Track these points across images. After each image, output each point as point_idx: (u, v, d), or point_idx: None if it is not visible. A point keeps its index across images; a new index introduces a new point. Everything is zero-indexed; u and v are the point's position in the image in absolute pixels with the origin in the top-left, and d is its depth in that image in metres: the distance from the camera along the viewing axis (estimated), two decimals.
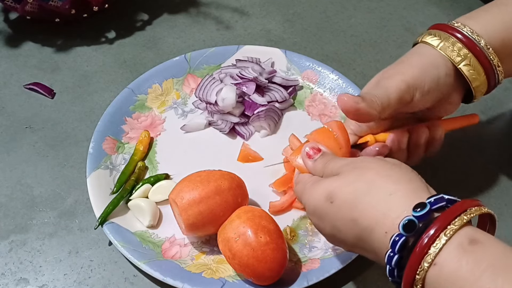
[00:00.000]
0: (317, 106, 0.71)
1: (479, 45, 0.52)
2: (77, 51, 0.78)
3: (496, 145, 0.68)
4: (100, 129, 0.65)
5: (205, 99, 0.69)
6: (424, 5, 0.87)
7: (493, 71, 0.53)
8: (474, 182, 0.64)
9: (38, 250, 0.58)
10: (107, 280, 0.56)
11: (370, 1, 0.87)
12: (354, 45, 0.80)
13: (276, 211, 0.60)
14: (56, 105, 0.72)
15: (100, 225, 0.57)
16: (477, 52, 0.52)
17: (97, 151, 0.63)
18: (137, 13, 0.84)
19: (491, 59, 0.52)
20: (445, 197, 0.39)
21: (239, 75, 0.69)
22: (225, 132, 0.67)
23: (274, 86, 0.70)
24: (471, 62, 0.52)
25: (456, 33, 0.53)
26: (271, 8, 0.85)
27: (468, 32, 0.52)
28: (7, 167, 0.65)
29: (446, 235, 0.36)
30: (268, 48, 0.75)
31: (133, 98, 0.69)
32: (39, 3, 0.74)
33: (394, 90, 0.52)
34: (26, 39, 0.79)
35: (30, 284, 0.56)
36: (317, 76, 0.72)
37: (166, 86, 0.71)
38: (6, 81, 0.74)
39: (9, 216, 0.61)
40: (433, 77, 0.52)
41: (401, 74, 0.53)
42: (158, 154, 0.66)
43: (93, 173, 0.61)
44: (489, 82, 0.54)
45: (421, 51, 0.54)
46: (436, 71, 0.52)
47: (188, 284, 0.53)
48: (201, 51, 0.74)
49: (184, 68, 0.73)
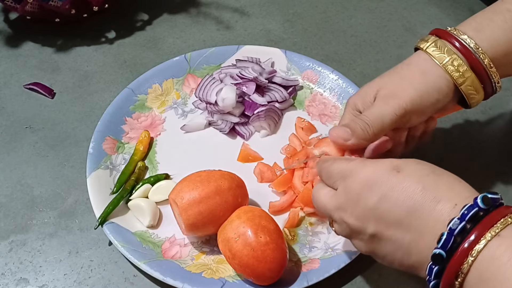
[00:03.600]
0: (317, 106, 0.71)
1: (481, 61, 0.52)
2: (77, 51, 0.78)
3: (496, 145, 0.68)
4: (100, 129, 0.65)
5: (205, 99, 0.69)
6: (424, 5, 0.87)
7: (490, 83, 0.53)
8: (474, 182, 0.64)
9: (38, 250, 0.58)
10: (107, 280, 0.56)
11: (370, 1, 0.87)
12: (354, 45, 0.80)
13: (276, 211, 0.60)
14: (56, 105, 0.72)
15: (100, 225, 0.57)
16: (476, 66, 0.52)
17: (97, 151, 0.63)
18: (137, 13, 0.84)
19: (491, 75, 0.53)
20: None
21: (239, 75, 0.69)
22: (225, 132, 0.67)
23: (274, 86, 0.70)
24: (472, 83, 0.53)
25: (455, 42, 0.53)
26: (271, 8, 0.85)
27: (470, 45, 0.52)
28: (7, 167, 0.65)
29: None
30: (268, 48, 0.75)
31: (133, 98, 0.69)
32: (39, 3, 0.74)
33: (390, 117, 0.52)
34: (26, 39, 0.79)
35: (30, 284, 0.56)
36: (317, 76, 0.72)
37: (166, 86, 0.71)
38: (6, 81, 0.74)
39: (9, 216, 0.61)
40: (433, 101, 0.53)
41: (399, 98, 0.52)
42: (158, 154, 0.66)
43: (93, 173, 0.61)
44: (486, 93, 0.55)
45: (424, 68, 0.53)
46: (437, 94, 0.52)
47: (188, 284, 0.53)
48: (201, 51, 0.74)
49: (184, 68, 0.73)
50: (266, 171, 0.63)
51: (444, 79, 0.52)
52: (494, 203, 0.39)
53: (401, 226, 0.42)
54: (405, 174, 0.43)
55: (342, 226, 0.47)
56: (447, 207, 0.40)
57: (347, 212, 0.45)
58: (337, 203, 0.46)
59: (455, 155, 0.66)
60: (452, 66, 0.52)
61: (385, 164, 0.44)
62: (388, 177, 0.43)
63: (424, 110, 0.53)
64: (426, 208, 0.41)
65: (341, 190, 0.46)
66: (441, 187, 0.41)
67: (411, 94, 0.52)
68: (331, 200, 0.47)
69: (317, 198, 0.49)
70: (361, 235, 0.45)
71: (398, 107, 0.52)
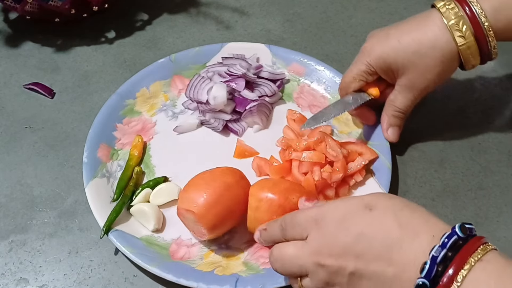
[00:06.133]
0: (306, 97, 0.71)
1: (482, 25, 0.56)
2: (77, 51, 0.78)
3: (496, 145, 0.68)
4: (92, 137, 0.64)
5: (196, 99, 0.69)
6: (424, 5, 0.86)
7: (488, 50, 0.57)
8: (474, 182, 0.64)
9: (38, 250, 0.58)
10: (107, 280, 0.56)
11: (370, 1, 0.87)
12: (354, 45, 0.80)
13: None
14: (56, 105, 0.72)
15: (105, 234, 0.56)
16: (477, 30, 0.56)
17: (91, 159, 0.62)
18: (137, 13, 0.84)
19: (489, 41, 0.56)
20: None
21: (227, 72, 0.70)
22: (218, 130, 0.67)
23: (263, 81, 0.71)
24: (471, 47, 0.57)
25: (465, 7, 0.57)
26: (271, 8, 0.85)
27: (478, 11, 0.56)
28: (7, 167, 0.65)
29: None
30: (252, 44, 0.76)
31: (122, 104, 0.68)
32: (39, 3, 0.74)
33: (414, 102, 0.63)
34: (26, 39, 0.79)
35: (30, 284, 0.56)
36: (304, 68, 0.73)
37: (153, 89, 0.71)
38: (6, 81, 0.74)
39: (9, 216, 0.61)
40: (447, 76, 0.61)
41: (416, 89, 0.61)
42: (153, 157, 0.65)
43: (91, 182, 0.60)
44: (482, 57, 0.59)
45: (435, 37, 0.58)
46: (450, 73, 0.60)
47: (202, 283, 0.53)
48: (185, 51, 0.74)
49: (170, 69, 0.72)
50: (264, 165, 0.63)
51: (450, 45, 0.57)
52: (470, 233, 0.40)
53: (382, 261, 0.41)
54: (379, 211, 0.43)
55: (318, 274, 0.44)
56: (426, 239, 0.40)
57: (324, 254, 0.43)
58: (311, 249, 0.44)
59: (455, 155, 0.66)
60: (459, 31, 0.57)
61: (357, 203, 0.44)
62: (362, 216, 0.43)
63: (439, 84, 0.61)
64: (405, 241, 0.41)
65: (314, 234, 0.44)
66: (417, 220, 0.42)
67: (431, 78, 0.59)
68: (303, 249, 0.45)
69: (284, 255, 0.46)
70: (339, 278, 0.43)
71: (421, 92, 0.62)
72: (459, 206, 0.62)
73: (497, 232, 0.60)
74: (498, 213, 0.61)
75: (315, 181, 0.59)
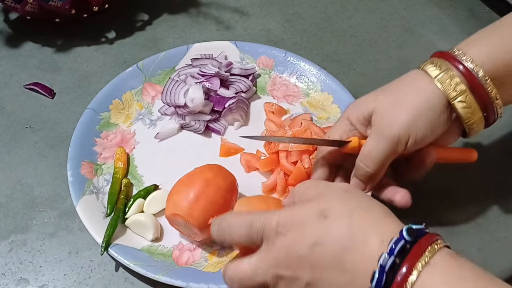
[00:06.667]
0: (280, 88, 0.72)
1: (478, 77, 0.50)
2: (77, 51, 0.78)
3: (496, 145, 0.68)
4: (73, 155, 0.63)
5: (173, 103, 0.68)
6: (424, 5, 0.87)
7: (491, 104, 0.51)
8: (474, 182, 0.64)
9: (38, 250, 0.58)
10: (107, 280, 0.56)
11: (370, 1, 0.87)
12: (354, 45, 0.80)
13: (269, 190, 0.62)
14: (56, 105, 0.72)
15: (105, 250, 0.56)
16: (475, 85, 0.50)
17: (76, 178, 0.61)
18: (137, 13, 0.84)
19: (489, 91, 0.50)
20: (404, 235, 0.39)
21: (200, 73, 0.70)
22: (200, 131, 0.67)
23: (236, 78, 0.71)
24: (466, 99, 0.51)
25: (456, 63, 0.51)
26: (271, 8, 0.85)
27: (468, 62, 0.51)
28: (7, 167, 0.65)
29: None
30: (218, 42, 0.76)
31: (97, 118, 0.67)
32: (39, 3, 0.74)
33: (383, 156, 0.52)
34: (26, 39, 0.79)
35: (30, 284, 0.56)
36: (272, 60, 0.74)
37: (125, 99, 0.70)
38: (6, 81, 0.74)
39: (9, 216, 0.61)
40: (427, 122, 0.51)
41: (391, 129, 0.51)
42: (139, 167, 0.64)
43: (81, 200, 0.59)
44: (488, 116, 0.52)
45: (418, 85, 0.52)
46: (431, 113, 0.51)
47: (213, 284, 0.52)
48: (152, 57, 0.73)
49: (140, 77, 0.72)
50: (252, 159, 0.64)
51: (436, 95, 0.51)
52: (419, 234, 0.39)
53: (336, 269, 0.41)
54: (332, 218, 0.42)
55: (278, 286, 0.43)
56: (374, 245, 0.40)
57: (282, 265, 0.43)
58: (269, 262, 0.43)
59: None
60: (444, 79, 0.51)
61: (312, 211, 0.43)
62: (317, 225, 0.42)
63: (420, 134, 0.52)
64: (356, 249, 0.40)
65: (270, 246, 0.43)
66: (368, 225, 0.41)
67: (404, 120, 0.51)
68: (264, 259, 0.43)
69: (239, 274, 0.44)
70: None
71: (392, 141, 0.52)
72: (459, 206, 0.62)
73: (497, 232, 0.60)
74: (498, 213, 0.61)
75: (305, 169, 0.60)
